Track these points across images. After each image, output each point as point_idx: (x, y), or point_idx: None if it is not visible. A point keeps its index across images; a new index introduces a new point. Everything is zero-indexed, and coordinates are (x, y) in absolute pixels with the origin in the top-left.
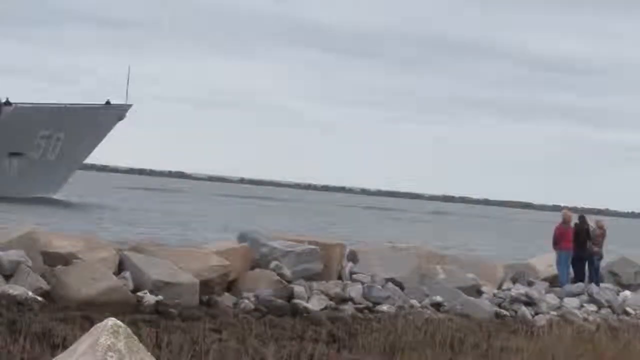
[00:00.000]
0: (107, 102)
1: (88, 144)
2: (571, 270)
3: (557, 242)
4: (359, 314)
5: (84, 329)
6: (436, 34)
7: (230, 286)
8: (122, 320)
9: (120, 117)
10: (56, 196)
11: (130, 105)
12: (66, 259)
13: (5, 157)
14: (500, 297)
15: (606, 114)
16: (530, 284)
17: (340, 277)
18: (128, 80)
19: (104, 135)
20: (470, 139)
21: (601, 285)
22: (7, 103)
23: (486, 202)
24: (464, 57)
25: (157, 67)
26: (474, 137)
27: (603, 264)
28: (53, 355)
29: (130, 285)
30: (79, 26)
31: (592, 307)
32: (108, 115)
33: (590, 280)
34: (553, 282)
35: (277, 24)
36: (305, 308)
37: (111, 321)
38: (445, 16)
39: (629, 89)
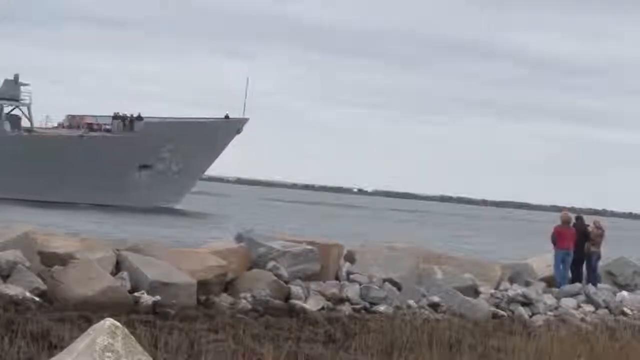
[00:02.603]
0: (226, 117)
1: (208, 157)
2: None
3: (555, 242)
4: (356, 315)
5: (82, 329)
6: (436, 34)
7: (228, 286)
8: (119, 321)
9: (238, 131)
10: (178, 206)
11: (247, 119)
12: (63, 259)
13: (136, 169)
14: (497, 298)
15: (605, 114)
16: (527, 284)
17: (337, 278)
18: (246, 94)
19: (223, 148)
20: (469, 139)
21: (599, 285)
22: (139, 118)
23: (484, 203)
24: (464, 57)
25: (157, 67)
26: (473, 137)
27: (601, 264)
28: (50, 356)
29: (128, 286)
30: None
31: (590, 308)
32: (227, 129)
33: (588, 281)
34: (550, 282)
35: (277, 24)
36: (303, 308)
37: (108, 321)
38: (445, 16)
39: (629, 89)
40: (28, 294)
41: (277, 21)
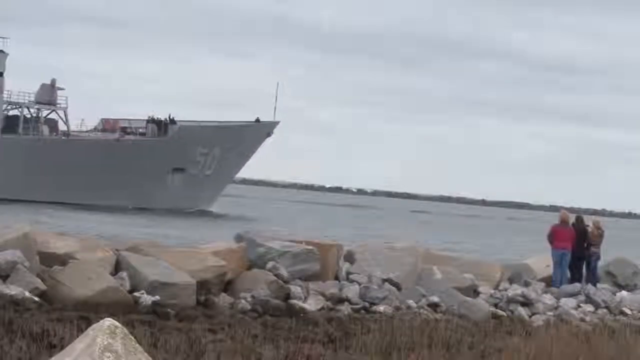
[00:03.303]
0: (257, 120)
1: (239, 160)
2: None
3: (551, 241)
4: (356, 315)
5: (81, 329)
6: (436, 34)
7: (227, 286)
8: (119, 321)
9: (269, 134)
10: (211, 208)
11: (277, 122)
12: (63, 259)
13: (169, 172)
14: (497, 298)
15: (605, 114)
16: (527, 284)
17: (337, 278)
18: (276, 98)
19: (254, 151)
20: (469, 139)
21: (598, 285)
22: (172, 121)
23: (484, 203)
24: (464, 57)
25: (157, 67)
26: (473, 137)
27: (601, 264)
28: (50, 356)
29: (127, 286)
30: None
31: (589, 308)
32: (258, 132)
33: (588, 281)
34: (550, 282)
35: (277, 24)
36: (302, 308)
37: (108, 321)
38: (445, 16)
39: (629, 89)
40: (28, 294)
41: (277, 21)
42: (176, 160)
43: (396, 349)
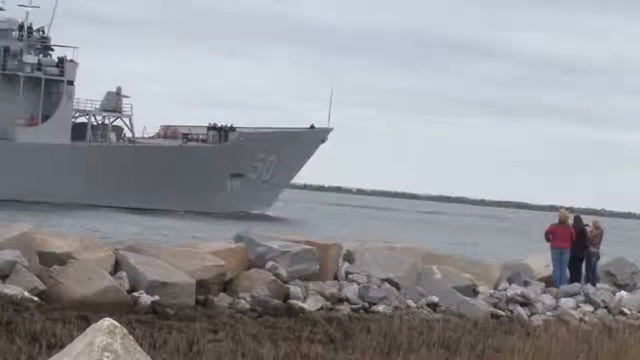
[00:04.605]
0: (312, 126)
1: (295, 165)
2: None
3: (548, 240)
4: (355, 315)
5: (80, 329)
6: (436, 34)
7: (227, 286)
8: (118, 320)
9: (323, 140)
10: (268, 212)
11: (331, 129)
12: (62, 259)
13: (228, 178)
14: (496, 297)
15: (605, 114)
16: (526, 284)
17: (336, 278)
18: (330, 104)
19: (309, 156)
20: (469, 139)
21: (597, 285)
22: (232, 129)
23: (483, 203)
24: (464, 57)
25: (157, 67)
26: (473, 137)
27: (600, 264)
28: (49, 356)
29: (126, 285)
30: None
31: (588, 308)
32: (312, 138)
33: (587, 281)
34: (549, 282)
35: (277, 24)
36: (302, 308)
37: (107, 321)
38: (445, 16)
39: (629, 89)
40: (27, 294)
41: (277, 21)
42: (235, 166)
43: (395, 349)
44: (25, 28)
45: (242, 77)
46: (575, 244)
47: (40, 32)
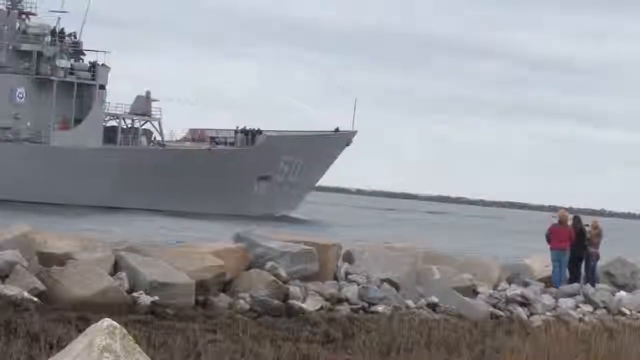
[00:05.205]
0: (336, 130)
1: (321, 167)
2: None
3: (549, 241)
4: (355, 315)
5: (80, 330)
6: (436, 34)
7: (226, 287)
8: (118, 321)
9: (348, 143)
10: (294, 214)
11: (355, 132)
12: (62, 260)
13: (255, 180)
14: (495, 298)
15: (605, 114)
16: (525, 284)
17: (336, 278)
18: (355, 108)
19: (334, 159)
20: (469, 139)
21: (597, 285)
22: (259, 132)
23: (482, 203)
24: (464, 57)
25: (157, 67)
26: (473, 137)
27: (600, 264)
28: (49, 356)
29: (126, 286)
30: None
31: (588, 308)
32: (337, 141)
33: (587, 281)
34: (549, 282)
35: (277, 24)
36: (301, 308)
37: (107, 322)
38: (445, 16)
39: (629, 89)
40: (26, 294)
41: (277, 21)
42: (262, 169)
43: (395, 349)
44: (57, 33)
45: (242, 77)
46: (574, 244)
47: (72, 37)
